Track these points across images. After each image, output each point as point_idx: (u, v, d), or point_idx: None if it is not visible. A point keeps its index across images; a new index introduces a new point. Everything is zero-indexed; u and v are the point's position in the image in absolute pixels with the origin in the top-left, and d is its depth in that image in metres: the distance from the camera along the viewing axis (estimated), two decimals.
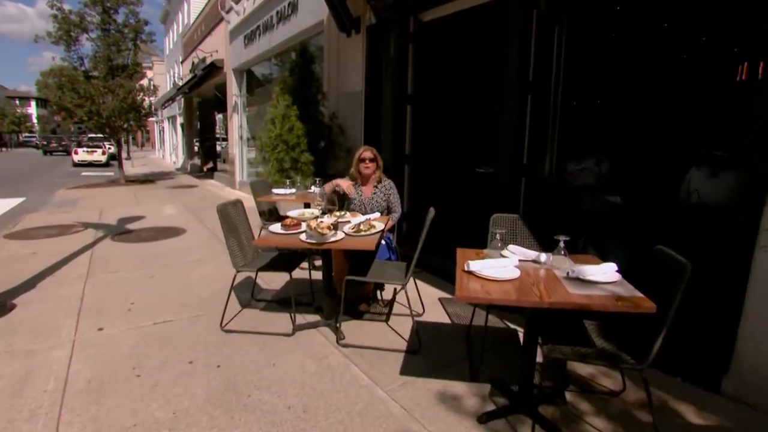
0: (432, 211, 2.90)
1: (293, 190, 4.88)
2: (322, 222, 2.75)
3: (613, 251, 3.94)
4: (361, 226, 2.99)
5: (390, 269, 3.32)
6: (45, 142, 33.25)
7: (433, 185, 5.26)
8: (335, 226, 2.79)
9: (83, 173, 17.48)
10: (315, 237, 2.72)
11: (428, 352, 2.97)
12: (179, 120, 21.50)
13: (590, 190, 4.03)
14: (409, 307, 3.21)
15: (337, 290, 3.65)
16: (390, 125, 5.15)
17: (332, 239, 2.74)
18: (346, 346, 3.03)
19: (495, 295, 1.83)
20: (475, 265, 2.13)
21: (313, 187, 4.98)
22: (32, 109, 53.69)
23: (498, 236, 2.35)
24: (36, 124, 51.79)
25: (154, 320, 3.42)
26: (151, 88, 12.85)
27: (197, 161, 18.04)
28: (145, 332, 3.22)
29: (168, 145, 26.22)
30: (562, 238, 2.16)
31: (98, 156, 21.19)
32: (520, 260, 2.38)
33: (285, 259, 3.44)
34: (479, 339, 3.13)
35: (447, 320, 3.52)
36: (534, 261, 2.38)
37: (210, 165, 16.66)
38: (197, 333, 3.21)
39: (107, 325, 3.34)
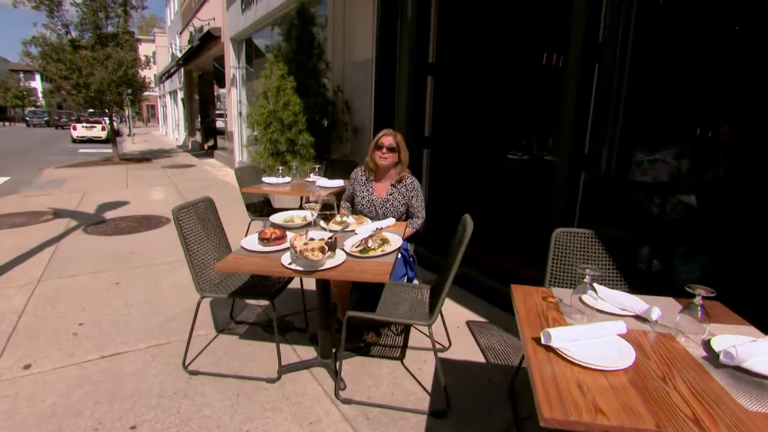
0: (469, 223, 2.05)
1: (287, 179, 4.04)
2: (311, 241, 1.91)
3: (684, 265, 3.12)
4: (370, 242, 2.14)
5: (408, 297, 2.49)
6: (56, 117, 35.19)
7: (459, 174, 4.40)
8: (332, 245, 1.96)
9: (80, 150, 16.73)
10: (303, 263, 1.89)
11: (460, 414, 2.16)
12: (180, 95, 20.56)
13: (661, 187, 3.18)
14: (432, 339, 2.38)
15: (337, 315, 2.85)
16: (406, 101, 4.26)
17: (328, 265, 1.91)
18: (347, 401, 2.23)
19: (612, 417, 1.00)
20: (560, 337, 1.29)
21: (312, 175, 4.20)
22: (36, 83, 52.77)
23: (588, 278, 1.50)
24: (41, 98, 51.01)
25: (102, 352, 2.64)
26: (143, 59, 11.88)
27: (199, 138, 17.20)
28: (85, 372, 2.44)
29: (170, 121, 25.34)
30: (701, 291, 1.31)
31: (98, 132, 20.37)
32: (616, 314, 1.54)
33: (267, 279, 2.63)
34: (527, 391, 2.32)
35: (480, 356, 2.71)
36: (636, 316, 1.54)
37: (211, 143, 15.82)
38: (153, 374, 2.43)
39: (40, 358, 2.57)
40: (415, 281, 3.20)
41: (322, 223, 2.42)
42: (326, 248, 1.91)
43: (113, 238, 4.95)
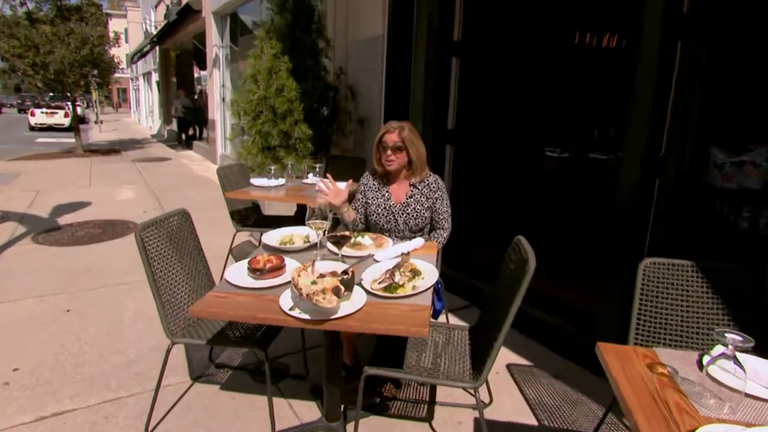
0: (530, 254, 1.69)
1: (281, 181, 3.69)
2: (321, 279, 1.55)
3: None
4: (396, 276, 1.79)
5: (441, 342, 2.13)
6: (19, 101, 35.21)
7: (489, 176, 4.04)
8: (348, 284, 1.60)
9: (39, 139, 16.32)
10: (308, 306, 1.54)
11: None
12: (154, 77, 20.16)
13: (750, 196, 2.85)
14: (477, 399, 2.03)
15: (345, 360, 2.49)
16: (424, 87, 3.89)
17: (343, 311, 1.55)
18: None
19: None
20: None
21: (310, 176, 3.85)
22: None
23: (731, 348, 1.14)
24: None
25: (40, 410, 2.27)
26: (112, 36, 11.49)
27: (175, 127, 16.82)
28: None
29: (143, 107, 24.96)
30: None
31: (60, 118, 19.95)
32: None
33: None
34: None
35: (528, 416, 2.36)
36: None
37: (191, 132, 15.44)
38: None
39: None
40: (442, 315, 2.86)
41: (330, 245, 2.07)
42: (341, 289, 1.56)
43: (69, 250, 4.58)
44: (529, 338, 3.08)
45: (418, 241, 2.26)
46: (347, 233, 1.98)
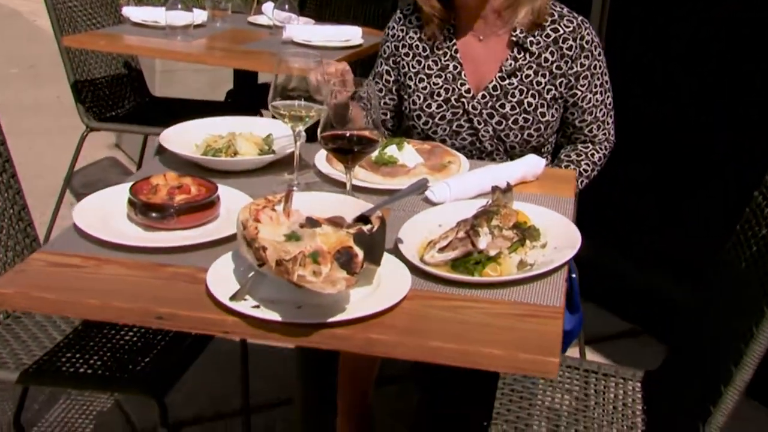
0: None
1: (200, 17, 3.30)
2: (311, 233, 1.27)
3: None
4: (482, 235, 1.52)
5: (570, 402, 1.82)
6: None
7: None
8: (371, 241, 1.33)
9: None
10: (280, 302, 1.21)
11: None
12: None
13: None
14: None
15: (337, 403, 2.11)
16: None
17: (360, 311, 1.22)
18: None
19: None
20: None
21: (268, 6, 3.55)
22: None
23: None
24: None
25: None
26: None
27: None
28: None
29: None
30: None
31: None
32: None
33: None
34: None
35: None
36: None
37: None
38: None
39: None
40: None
41: (324, 164, 1.74)
42: (358, 255, 1.24)
43: None
44: None
45: (532, 164, 1.82)
46: (368, 131, 1.57)
